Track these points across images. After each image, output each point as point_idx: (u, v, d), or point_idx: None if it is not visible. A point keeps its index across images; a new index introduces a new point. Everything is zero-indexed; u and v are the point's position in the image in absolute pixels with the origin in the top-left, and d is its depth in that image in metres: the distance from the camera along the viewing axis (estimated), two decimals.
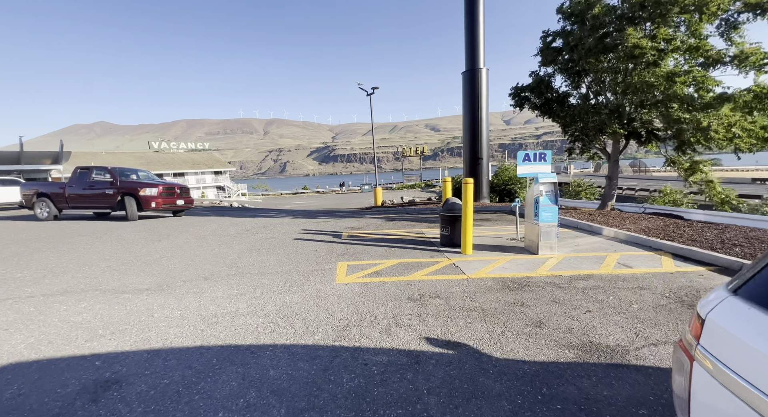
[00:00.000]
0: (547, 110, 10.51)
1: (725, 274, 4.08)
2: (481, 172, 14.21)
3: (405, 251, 5.66)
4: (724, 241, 5.15)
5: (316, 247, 6.11)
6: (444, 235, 6.00)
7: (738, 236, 5.42)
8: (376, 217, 10.44)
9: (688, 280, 3.93)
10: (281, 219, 10.42)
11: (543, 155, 5.64)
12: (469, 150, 14.33)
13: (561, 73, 9.70)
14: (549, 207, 5.14)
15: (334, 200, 30.58)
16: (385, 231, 7.65)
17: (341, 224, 8.89)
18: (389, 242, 6.39)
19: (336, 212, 13.40)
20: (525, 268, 4.59)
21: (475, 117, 14.03)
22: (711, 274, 4.13)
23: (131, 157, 42.77)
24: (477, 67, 14.03)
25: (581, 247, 5.61)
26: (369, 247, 6.00)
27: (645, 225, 6.89)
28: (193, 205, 11.39)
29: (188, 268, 4.87)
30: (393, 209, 13.98)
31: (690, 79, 7.04)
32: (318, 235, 7.39)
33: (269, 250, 5.93)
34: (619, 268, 4.42)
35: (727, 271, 4.19)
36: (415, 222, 8.94)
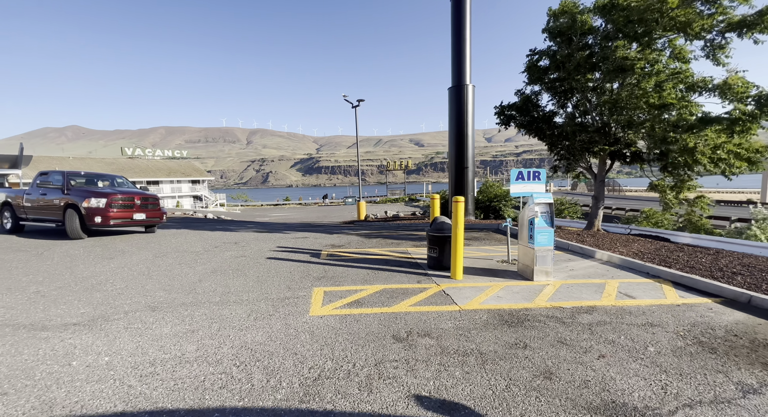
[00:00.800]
0: (533, 129, 10.46)
1: (734, 307, 3.78)
2: (467, 188, 14.01)
3: (390, 275, 5.14)
4: (722, 269, 4.93)
5: (291, 269, 5.49)
6: (432, 257, 5.53)
7: (734, 263, 5.23)
8: (358, 233, 9.90)
9: (698, 314, 3.60)
10: (257, 233, 9.69)
11: (537, 174, 5.34)
12: (455, 165, 14.14)
13: (548, 91, 9.70)
14: (545, 229, 4.79)
15: (316, 213, 29.81)
16: (367, 250, 7.11)
17: (321, 241, 8.29)
18: (372, 263, 5.85)
19: (317, 226, 12.75)
20: (521, 297, 4.17)
21: (461, 132, 13.92)
22: (719, 307, 3.82)
23: (101, 164, 40.50)
24: (463, 84, 14.03)
25: (577, 272, 5.27)
26: (350, 269, 5.44)
27: (636, 248, 6.69)
28: (164, 220, 9.33)
29: (136, 295, 4.15)
30: (377, 224, 13.48)
31: (675, 101, 7.06)
32: (294, 253, 6.76)
33: (237, 272, 5.27)
34: (622, 299, 4.06)
35: (735, 303, 3.91)
36: (400, 240, 8.46)
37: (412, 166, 56.67)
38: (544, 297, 4.15)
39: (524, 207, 5.20)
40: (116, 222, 8.08)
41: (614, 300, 4.03)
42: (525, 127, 10.57)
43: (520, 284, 4.69)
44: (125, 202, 8.35)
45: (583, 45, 8.12)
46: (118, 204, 8.17)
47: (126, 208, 8.33)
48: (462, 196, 4.89)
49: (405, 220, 15.23)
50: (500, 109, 10.75)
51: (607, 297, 4.12)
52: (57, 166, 35.59)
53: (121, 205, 8.24)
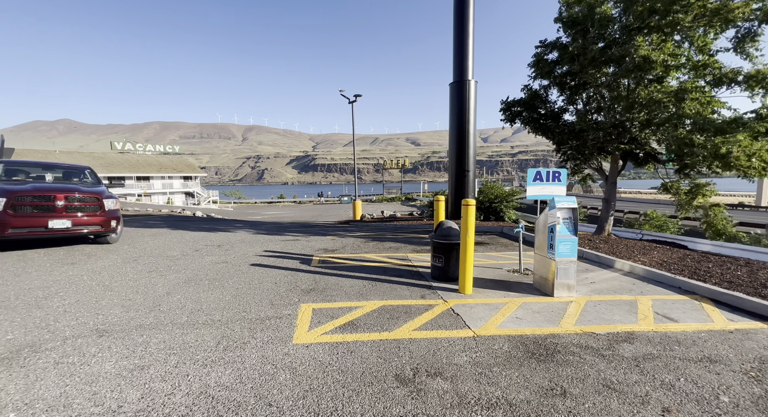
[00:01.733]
0: (540, 126, 9.88)
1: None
2: (467, 188, 13.42)
3: (389, 287, 4.50)
4: (766, 285, 4.37)
5: (277, 278, 4.82)
6: (437, 267, 4.91)
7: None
8: (354, 235, 9.24)
9: (760, 345, 3.01)
10: (244, 234, 8.99)
11: (557, 174, 4.73)
12: (456, 163, 13.53)
13: (556, 86, 9.10)
14: (568, 238, 4.19)
15: (311, 211, 29.07)
16: (363, 255, 6.47)
17: (313, 244, 7.62)
18: (369, 272, 5.21)
19: (310, 227, 12.07)
20: (544, 318, 3.55)
21: (462, 130, 13.31)
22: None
23: (89, 158, 39.27)
24: (465, 79, 13.41)
25: (599, 286, 4.67)
26: (344, 280, 4.79)
27: (658, 257, 6.12)
28: (113, 227, 6.71)
29: (85, 313, 3.46)
30: (373, 225, 12.84)
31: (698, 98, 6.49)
32: (283, 259, 6.09)
33: (214, 283, 4.59)
34: (662, 322, 3.46)
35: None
36: (399, 243, 7.82)
37: (408, 165, 56.10)
38: (570, 318, 3.54)
39: (541, 212, 4.59)
40: (17, 232, 5.56)
41: (653, 323, 3.43)
42: (531, 125, 9.98)
43: (539, 301, 4.08)
44: (38, 203, 5.78)
45: (599, 36, 7.53)
46: (26, 205, 5.69)
47: (39, 211, 5.77)
48: (472, 200, 4.27)
49: (403, 221, 14.60)
50: (506, 104, 10.14)
51: (644, 319, 3.53)
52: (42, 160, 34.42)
53: (32, 206, 5.73)
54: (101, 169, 37.68)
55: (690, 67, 7.20)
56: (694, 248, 7.45)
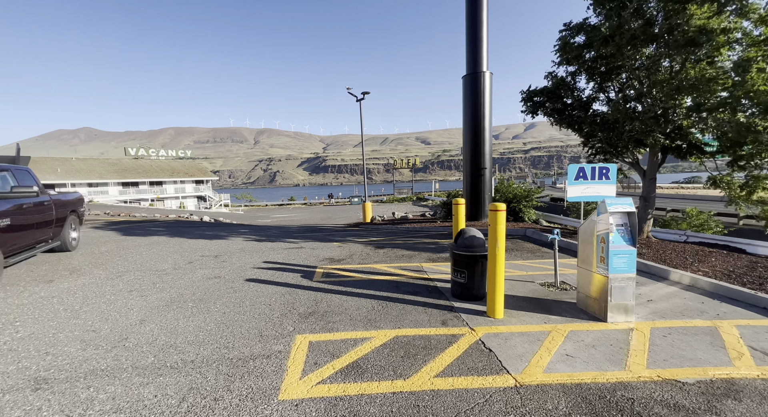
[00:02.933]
0: (566, 117, 8.96)
1: None
2: (483, 186, 12.54)
3: (402, 309, 3.77)
4: None
5: (272, 298, 4.16)
6: (458, 283, 4.15)
7: None
8: (363, 240, 8.55)
9: None
10: (246, 242, 8.41)
11: (605, 171, 3.90)
12: (470, 160, 12.67)
13: (585, 72, 8.17)
14: (624, 250, 3.37)
15: (321, 214, 28.56)
16: (373, 266, 5.76)
17: (318, 253, 6.95)
18: (378, 288, 4.49)
19: (318, 231, 11.45)
20: (603, 355, 2.76)
21: (477, 125, 12.44)
22: None
23: (104, 165, 39.94)
24: (480, 71, 12.53)
25: (660, 306, 3.82)
26: (349, 299, 4.08)
27: (719, 265, 5.19)
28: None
29: (32, 353, 2.86)
30: (384, 228, 12.13)
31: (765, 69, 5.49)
32: (283, 272, 5.43)
33: (199, 305, 3.95)
34: (757, 360, 2.62)
35: None
36: (412, 250, 7.08)
37: (419, 164, 55.18)
38: (639, 357, 2.73)
39: (587, 217, 3.77)
40: None
41: (755, 365, 2.59)
42: (556, 116, 9.07)
43: (589, 328, 3.28)
44: None
45: (637, 12, 6.59)
46: None
47: None
48: (503, 204, 3.50)
49: (415, 223, 13.83)
50: (527, 94, 9.27)
51: (740, 359, 2.69)
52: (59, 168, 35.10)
53: None
54: (116, 175, 38.23)
55: (748, 44, 6.20)
56: (755, 252, 6.45)
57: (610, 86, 8.20)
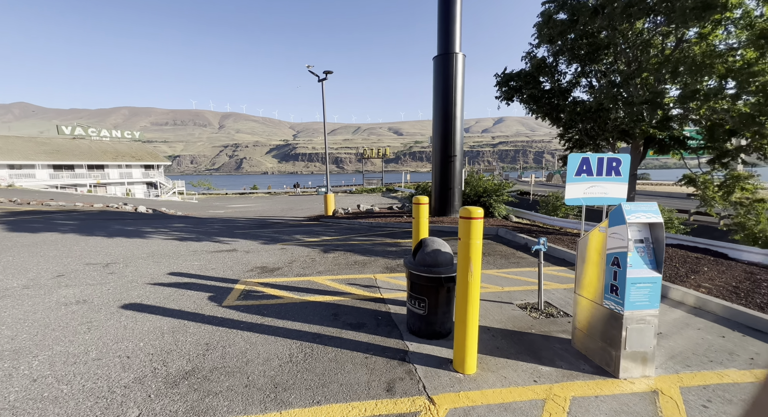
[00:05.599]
0: (544, 105, 8.10)
1: None
2: (453, 177, 11.57)
3: (334, 359, 2.57)
4: None
5: (141, 341, 2.79)
6: (416, 315, 3.01)
7: None
8: (314, 241, 7.24)
9: None
10: (164, 243, 6.80)
11: (615, 163, 2.87)
12: (440, 147, 11.62)
13: (569, 53, 7.27)
14: (647, 277, 2.37)
15: (283, 204, 26.62)
16: (314, 279, 4.50)
17: (250, 258, 5.57)
18: (310, 318, 3.25)
19: (270, 225, 9.96)
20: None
21: (448, 110, 11.36)
22: None
23: (30, 144, 34.67)
24: (452, 51, 11.39)
25: (676, 344, 2.92)
26: (261, 340, 2.81)
27: (716, 278, 4.48)
28: None
29: None
30: (344, 223, 10.87)
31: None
32: (185, 290, 4.03)
33: (4, 362, 2.50)
34: None
35: None
36: (368, 255, 5.90)
37: (390, 154, 53.95)
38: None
39: (591, 230, 2.75)
40: None
41: None
42: (534, 103, 8.18)
43: (599, 392, 2.26)
44: None
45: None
46: None
47: None
48: (479, 209, 2.37)
49: (380, 218, 12.67)
50: (503, 77, 8.29)
51: None
52: None
53: None
54: (45, 157, 33.51)
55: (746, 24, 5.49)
56: (738, 258, 5.93)
57: (592, 71, 7.38)
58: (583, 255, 2.75)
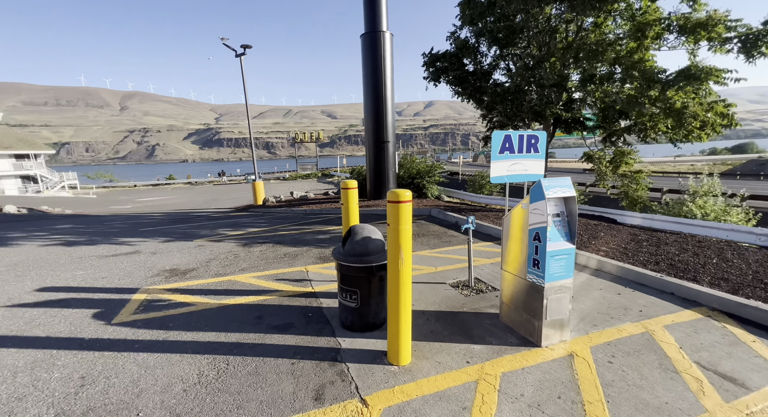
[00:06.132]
0: (469, 87, 8.33)
1: None
2: (387, 160, 11.51)
3: (254, 371, 2.24)
4: (766, 281, 3.45)
5: None
6: (348, 309, 2.81)
7: (754, 265, 3.88)
8: (239, 234, 6.55)
9: None
10: (41, 249, 5.49)
11: (534, 140, 2.95)
12: (373, 130, 11.39)
13: (488, 35, 7.50)
14: (563, 249, 2.48)
15: (207, 195, 24.02)
16: (235, 278, 4.01)
17: (158, 261, 4.77)
18: (228, 326, 2.84)
19: (187, 220, 8.79)
20: (557, 411, 1.80)
21: (378, 91, 11.10)
22: None
23: None
24: (379, 30, 11.03)
25: (585, 306, 3.21)
26: (161, 361, 2.34)
27: (611, 241, 5.14)
28: None
29: None
30: (277, 212, 10.16)
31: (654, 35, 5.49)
32: (64, 307, 3.23)
33: None
34: (731, 395, 2.02)
35: None
36: (300, 245, 5.51)
37: (324, 138, 52.19)
38: (597, 410, 1.85)
39: (511, 209, 2.81)
40: None
41: (723, 402, 1.96)
42: (459, 85, 8.37)
43: (526, 363, 2.34)
44: None
45: None
46: None
47: None
48: (407, 192, 2.20)
49: (314, 205, 12.14)
50: (430, 57, 8.29)
51: (702, 391, 2.04)
52: None
53: None
54: None
55: (629, 16, 6.20)
56: (624, 222, 6.95)
57: (510, 54, 7.76)
58: (508, 232, 2.81)
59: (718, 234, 5.51)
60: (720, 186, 8.06)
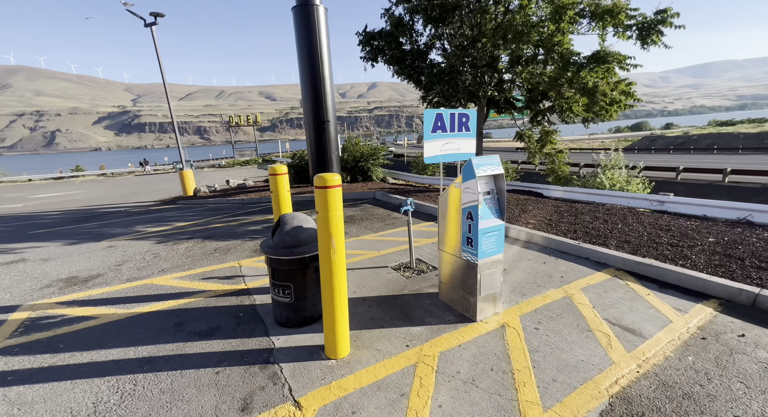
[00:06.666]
0: (406, 67, 8.23)
1: (749, 319, 2.52)
2: (329, 142, 11.05)
3: (171, 385, 1.96)
4: (657, 241, 3.99)
5: None
6: (282, 304, 2.61)
7: (654, 228, 4.47)
8: (161, 230, 5.82)
9: (749, 357, 2.08)
10: None
11: (465, 119, 2.93)
12: (312, 111, 10.80)
13: (422, 13, 7.39)
14: (493, 226, 2.54)
15: (125, 188, 21.12)
16: (154, 281, 3.52)
17: (51, 268, 4.01)
18: (138, 338, 2.46)
19: (94, 218, 7.58)
20: (488, 397, 1.85)
21: (315, 68, 10.45)
22: (733, 322, 2.50)
23: None
24: (312, 3, 10.30)
25: (516, 277, 3.41)
26: (43, 393, 1.93)
27: (538, 214, 5.56)
28: None
29: None
30: (208, 204, 9.29)
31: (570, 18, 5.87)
32: None
33: None
34: (631, 344, 2.28)
35: (738, 309, 2.69)
36: (233, 239, 5.07)
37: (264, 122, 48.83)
38: (529, 386, 1.95)
39: (446, 188, 2.80)
40: None
41: (626, 352, 2.20)
42: (396, 65, 8.22)
43: (462, 340, 2.40)
44: None
45: None
46: None
47: None
48: (335, 176, 2.03)
49: (252, 193, 11.34)
50: (365, 36, 7.98)
51: (611, 346, 2.27)
52: None
53: None
54: None
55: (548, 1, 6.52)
56: (549, 195, 7.60)
57: (444, 34, 7.77)
58: (444, 212, 2.80)
59: (622, 202, 6.30)
60: (624, 160, 9.23)
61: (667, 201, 6.10)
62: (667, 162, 21.25)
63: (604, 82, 5.81)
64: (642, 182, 9.01)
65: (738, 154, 28.03)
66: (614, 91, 5.97)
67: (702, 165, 18.29)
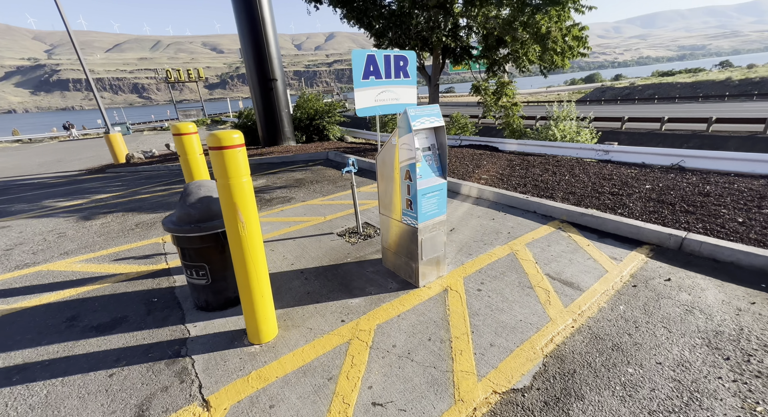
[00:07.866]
0: (356, 10, 7.31)
1: (673, 262, 2.60)
2: (278, 101, 10.06)
3: (46, 399, 1.63)
4: (599, 191, 4.02)
5: None
6: (199, 287, 2.27)
7: (596, 176, 4.52)
8: (75, 205, 5.03)
9: (675, 301, 2.13)
10: None
11: (403, 63, 2.50)
12: (256, 69, 9.61)
13: None
14: (434, 185, 2.29)
15: (45, 156, 18.38)
16: (51, 267, 2.99)
17: None
18: (14, 341, 2.04)
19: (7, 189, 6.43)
20: (423, 372, 1.73)
21: (254, 15, 9.07)
22: (662, 267, 2.57)
23: None
24: None
25: (463, 236, 3.29)
26: None
27: (492, 169, 5.45)
28: None
29: None
30: (142, 171, 8.29)
31: None
32: None
33: None
34: (569, 298, 2.25)
35: (666, 253, 2.77)
36: (160, 211, 4.48)
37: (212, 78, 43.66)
38: (466, 355, 1.84)
39: (383, 145, 2.45)
40: None
41: (563, 308, 2.16)
42: (343, 6, 7.26)
43: (402, 309, 2.24)
44: None
45: None
46: None
47: None
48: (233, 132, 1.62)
49: None
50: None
51: (549, 302, 2.23)
52: None
53: None
54: None
55: None
56: (504, 149, 7.56)
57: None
58: (383, 173, 2.49)
59: (571, 153, 6.39)
60: (576, 111, 9.32)
61: (611, 150, 6.25)
62: (614, 113, 22.20)
63: (557, 26, 5.50)
64: (591, 132, 9.22)
65: (675, 103, 29.95)
66: (567, 37, 5.70)
67: (643, 115, 19.32)
